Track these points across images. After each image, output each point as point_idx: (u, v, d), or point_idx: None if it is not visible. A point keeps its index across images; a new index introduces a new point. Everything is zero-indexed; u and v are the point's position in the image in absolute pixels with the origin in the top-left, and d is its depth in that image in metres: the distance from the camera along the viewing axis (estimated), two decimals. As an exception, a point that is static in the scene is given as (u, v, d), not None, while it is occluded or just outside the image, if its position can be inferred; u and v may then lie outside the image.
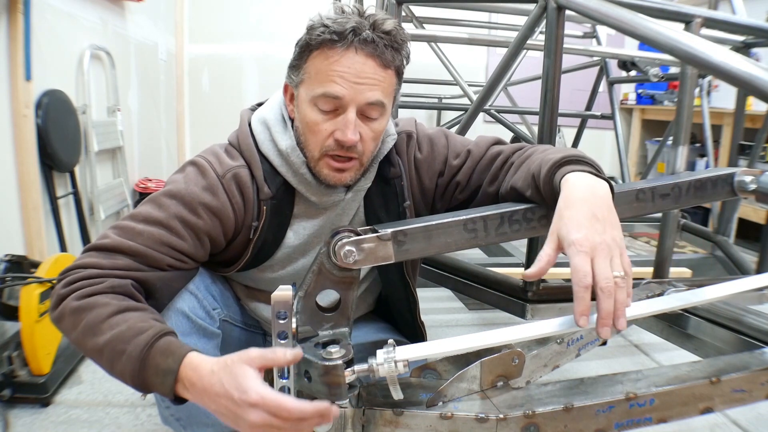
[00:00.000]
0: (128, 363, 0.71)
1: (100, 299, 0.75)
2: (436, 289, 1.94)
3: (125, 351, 0.71)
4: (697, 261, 2.19)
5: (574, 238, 0.69)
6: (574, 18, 1.59)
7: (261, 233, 0.94)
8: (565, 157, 0.81)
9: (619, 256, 0.69)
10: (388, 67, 0.87)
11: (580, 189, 0.75)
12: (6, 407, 1.39)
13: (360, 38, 0.83)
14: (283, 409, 0.64)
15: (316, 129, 0.87)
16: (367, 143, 0.89)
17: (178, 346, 0.72)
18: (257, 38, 4.02)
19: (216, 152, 0.93)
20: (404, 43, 0.89)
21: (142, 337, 0.72)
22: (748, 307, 1.28)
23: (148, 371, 0.71)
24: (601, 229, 0.70)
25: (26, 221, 1.89)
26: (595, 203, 0.72)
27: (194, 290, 0.93)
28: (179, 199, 0.86)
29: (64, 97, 2.13)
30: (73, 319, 0.75)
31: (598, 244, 0.68)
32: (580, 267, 0.67)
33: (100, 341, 0.73)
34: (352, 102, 0.85)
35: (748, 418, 1.49)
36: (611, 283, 0.66)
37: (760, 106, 2.82)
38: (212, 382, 0.67)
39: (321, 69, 0.85)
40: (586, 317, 0.67)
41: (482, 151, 0.99)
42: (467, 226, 0.79)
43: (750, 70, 0.85)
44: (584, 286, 0.66)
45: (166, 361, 0.70)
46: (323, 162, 0.90)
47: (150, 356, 0.71)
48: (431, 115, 4.38)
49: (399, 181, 1.00)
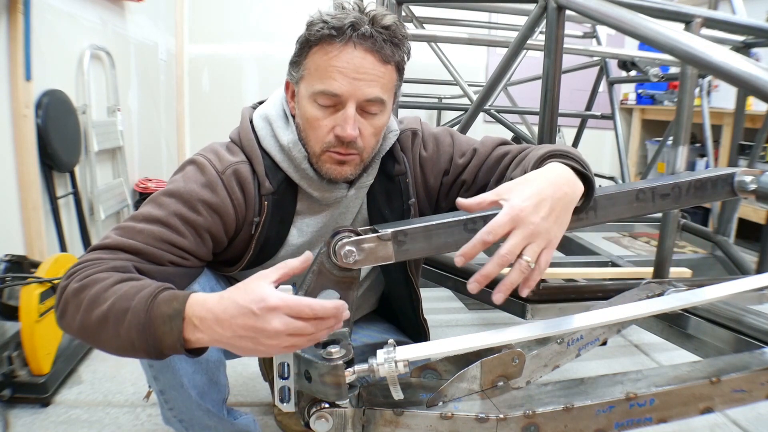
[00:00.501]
0: (134, 318, 0.69)
1: (101, 275, 0.75)
2: (437, 289, 1.94)
3: (129, 307, 0.69)
4: (697, 261, 2.19)
5: (515, 202, 0.70)
6: (574, 18, 1.59)
7: (263, 229, 0.93)
8: (552, 150, 0.82)
9: (541, 247, 0.70)
10: (388, 63, 0.87)
11: (552, 173, 0.76)
12: (6, 407, 1.40)
13: (358, 33, 0.83)
14: (306, 307, 0.65)
15: (317, 125, 0.87)
16: (368, 139, 0.89)
17: (182, 292, 0.71)
18: (257, 38, 4.02)
19: (215, 149, 0.94)
20: (404, 38, 0.89)
21: (146, 291, 0.71)
22: (748, 307, 1.29)
23: (155, 322, 0.68)
24: (544, 213, 0.70)
25: (26, 221, 1.90)
26: (556, 195, 0.73)
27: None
28: (178, 197, 0.87)
29: (64, 97, 2.13)
30: (76, 300, 0.73)
31: (529, 222, 0.69)
32: (495, 224, 0.69)
33: (105, 307, 0.71)
34: (351, 98, 0.85)
35: (748, 418, 1.49)
36: (510, 257, 0.68)
37: (760, 106, 2.82)
38: (225, 306, 0.66)
39: (320, 65, 0.85)
40: (463, 259, 0.70)
41: (488, 151, 0.99)
42: (467, 226, 0.79)
43: (750, 70, 0.85)
44: (483, 240, 0.69)
45: (171, 305, 0.69)
46: (325, 157, 0.90)
47: (155, 306, 0.69)
48: (431, 115, 4.38)
49: (404, 179, 1.00)
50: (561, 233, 0.73)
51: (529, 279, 0.70)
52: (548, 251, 0.70)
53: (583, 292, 1.52)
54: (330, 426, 0.75)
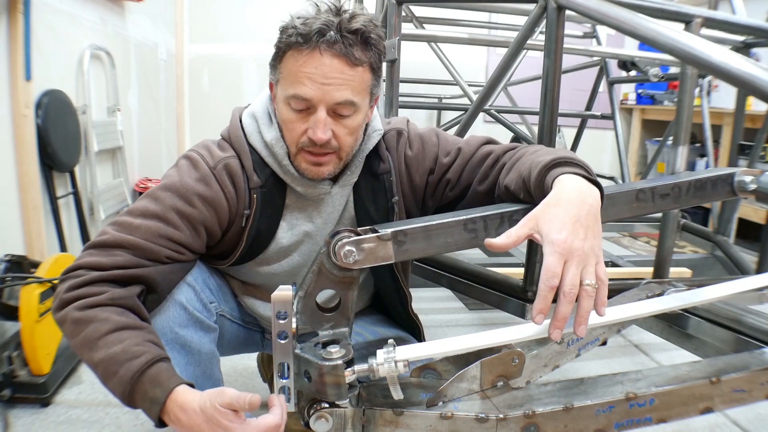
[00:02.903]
0: (119, 385, 0.75)
1: (100, 314, 0.78)
2: (436, 289, 1.94)
3: (117, 373, 0.75)
4: (697, 261, 2.19)
5: (554, 237, 0.69)
6: (574, 18, 1.59)
7: (253, 222, 0.96)
8: (555, 159, 0.81)
9: (594, 265, 0.69)
10: (358, 65, 0.87)
11: (571, 191, 0.75)
12: (6, 407, 1.40)
13: (324, 40, 0.84)
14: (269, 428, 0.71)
15: (291, 126, 0.90)
16: (342, 138, 0.91)
17: (167, 377, 0.75)
18: (257, 38, 4.02)
19: (207, 146, 0.97)
20: (378, 38, 0.89)
21: (134, 363, 0.74)
22: (748, 307, 1.28)
23: (137, 395, 0.75)
24: (582, 235, 0.70)
25: (26, 221, 1.90)
26: (583, 209, 0.72)
27: (192, 282, 0.94)
28: (174, 192, 0.89)
29: (64, 97, 2.13)
30: (73, 329, 0.78)
31: (575, 249, 0.68)
32: (551, 267, 0.67)
33: (95, 358, 0.76)
34: (320, 102, 0.87)
35: (748, 418, 1.49)
36: (575, 290, 0.67)
37: (760, 106, 2.82)
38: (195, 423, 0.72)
39: (292, 70, 0.87)
40: (543, 316, 0.68)
41: (473, 150, 1.00)
42: (467, 226, 0.79)
43: (750, 70, 0.85)
44: (550, 287, 0.67)
45: (154, 391, 0.74)
46: (301, 156, 0.92)
47: (139, 383, 0.74)
48: (431, 115, 4.38)
49: (388, 177, 1.01)
50: (601, 242, 0.73)
51: (599, 298, 0.69)
52: (600, 265, 0.70)
53: (583, 292, 1.51)
54: (330, 426, 0.75)
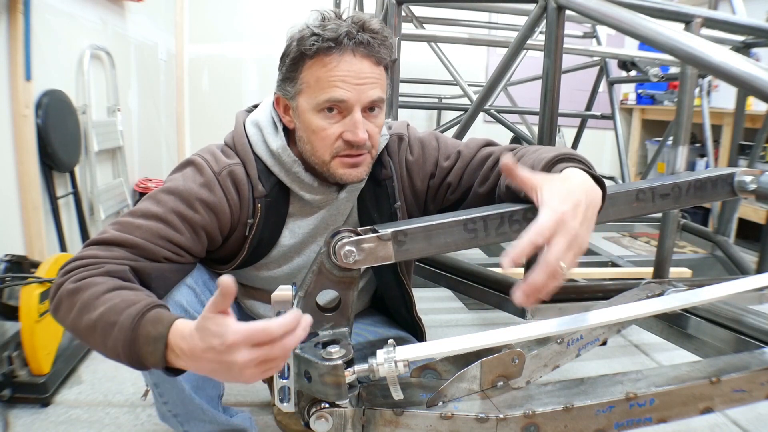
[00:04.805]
0: (120, 333, 0.70)
1: (96, 279, 0.76)
2: (436, 289, 1.94)
3: (117, 322, 0.71)
4: (697, 261, 2.19)
5: (555, 205, 0.69)
6: (574, 18, 1.59)
7: (257, 231, 0.96)
8: (559, 155, 0.82)
9: (575, 255, 0.68)
10: (380, 64, 0.91)
11: (578, 181, 0.75)
12: (6, 407, 1.40)
13: (355, 41, 0.86)
14: (264, 333, 0.63)
15: (324, 134, 0.89)
16: (375, 137, 0.93)
17: (167, 315, 0.71)
18: (257, 38, 4.02)
19: (212, 151, 0.96)
20: (391, 38, 0.93)
21: (134, 308, 0.71)
22: (748, 307, 1.29)
23: (140, 340, 0.70)
24: (580, 218, 0.70)
25: (26, 221, 1.90)
26: (586, 201, 0.72)
27: (192, 284, 0.94)
28: (177, 195, 0.89)
29: (64, 97, 2.13)
30: (69, 301, 0.75)
31: (570, 227, 0.68)
32: (544, 225, 0.67)
33: (94, 316, 0.72)
34: (357, 103, 0.88)
35: (748, 418, 1.49)
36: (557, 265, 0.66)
37: (760, 106, 2.82)
38: (195, 343, 0.66)
39: (321, 76, 0.87)
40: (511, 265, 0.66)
41: (473, 153, 1.01)
42: (467, 226, 0.79)
43: (750, 70, 0.85)
44: (534, 243, 0.66)
45: (156, 328, 0.69)
46: (336, 163, 0.91)
47: (141, 325, 0.70)
48: (431, 115, 4.38)
49: (390, 183, 1.02)
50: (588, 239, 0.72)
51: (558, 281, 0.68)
52: (577, 257, 0.70)
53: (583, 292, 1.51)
54: (330, 426, 0.75)
